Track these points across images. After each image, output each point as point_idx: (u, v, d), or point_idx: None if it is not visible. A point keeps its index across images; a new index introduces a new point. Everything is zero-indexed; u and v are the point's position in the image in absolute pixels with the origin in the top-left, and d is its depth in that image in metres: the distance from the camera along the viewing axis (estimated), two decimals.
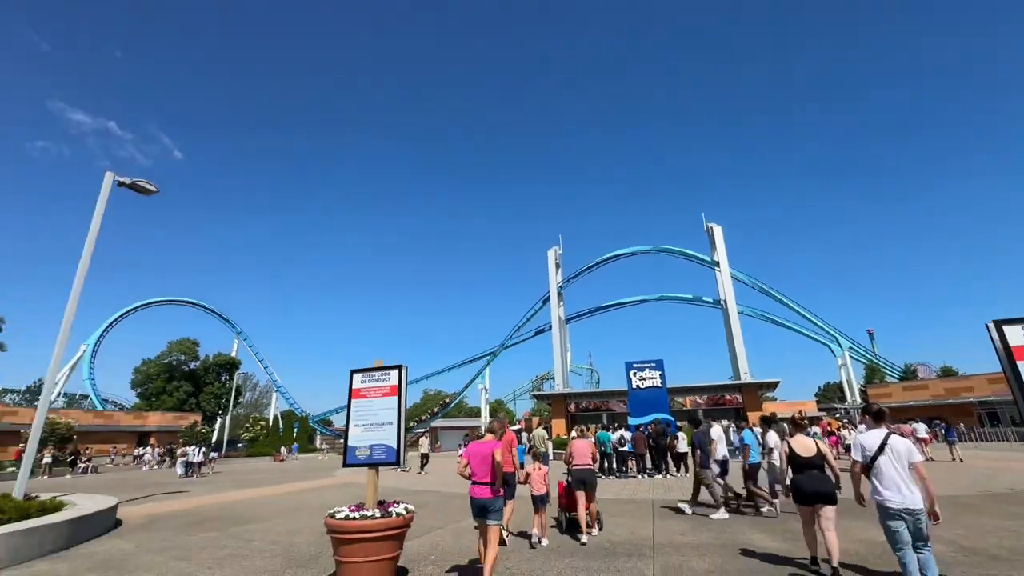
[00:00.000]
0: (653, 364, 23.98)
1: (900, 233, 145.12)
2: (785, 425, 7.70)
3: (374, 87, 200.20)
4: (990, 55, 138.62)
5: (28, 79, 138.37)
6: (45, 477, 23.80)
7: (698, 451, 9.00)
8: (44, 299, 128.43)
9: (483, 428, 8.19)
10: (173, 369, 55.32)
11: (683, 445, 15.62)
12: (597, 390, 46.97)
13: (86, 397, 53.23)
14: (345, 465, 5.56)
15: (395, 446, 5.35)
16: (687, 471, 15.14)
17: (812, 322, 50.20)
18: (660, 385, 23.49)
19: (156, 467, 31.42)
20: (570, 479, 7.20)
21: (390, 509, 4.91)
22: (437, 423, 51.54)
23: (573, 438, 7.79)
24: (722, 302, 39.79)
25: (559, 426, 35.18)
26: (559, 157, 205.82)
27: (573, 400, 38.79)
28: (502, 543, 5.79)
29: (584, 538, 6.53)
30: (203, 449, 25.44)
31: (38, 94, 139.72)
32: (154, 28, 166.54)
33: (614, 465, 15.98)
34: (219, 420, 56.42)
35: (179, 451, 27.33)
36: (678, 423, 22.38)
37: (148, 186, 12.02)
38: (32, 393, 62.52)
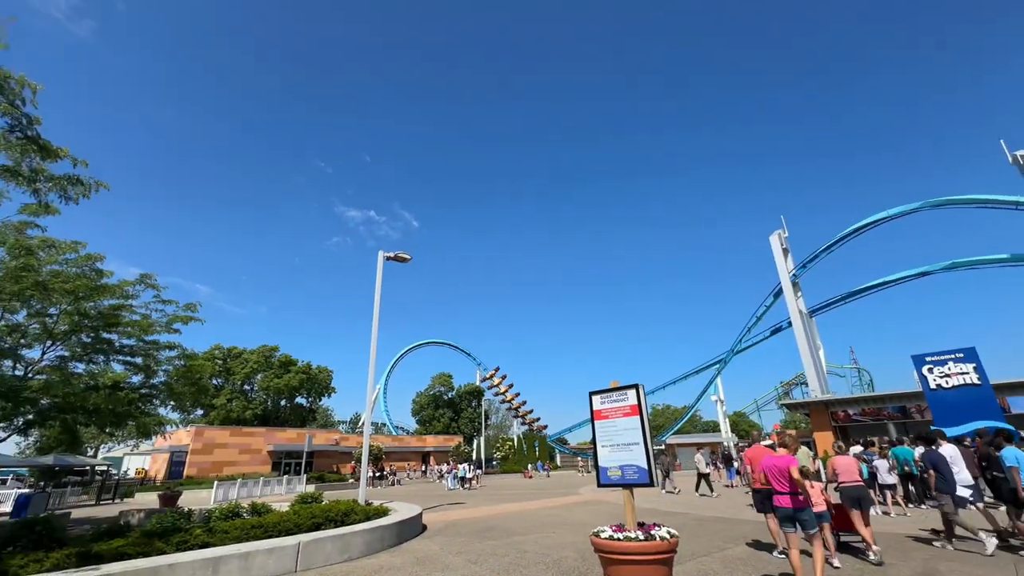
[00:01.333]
0: (960, 354, 18.05)
1: None
2: None
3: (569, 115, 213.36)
4: None
5: (321, 193, 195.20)
6: (369, 488, 31.35)
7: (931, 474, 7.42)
8: (353, 350, 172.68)
9: (761, 441, 8.41)
10: (437, 399, 67.13)
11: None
12: (872, 394, 37.65)
13: (384, 424, 68.78)
14: (599, 485, 5.71)
15: (645, 466, 5.26)
16: None
17: None
18: (978, 382, 17.48)
19: (437, 480, 38.03)
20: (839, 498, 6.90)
21: (652, 532, 4.80)
22: (672, 439, 48.91)
23: (830, 456, 7.77)
24: None
25: (823, 440, 29.32)
26: (769, 125, 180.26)
27: (839, 407, 31.94)
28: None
29: (873, 556, 6.14)
30: (471, 465, 29.95)
31: (328, 203, 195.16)
32: (391, 138, 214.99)
33: (915, 489, 12.34)
34: (475, 440, 65.43)
35: (447, 468, 33.11)
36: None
37: (404, 256, 15.19)
38: (353, 423, 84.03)
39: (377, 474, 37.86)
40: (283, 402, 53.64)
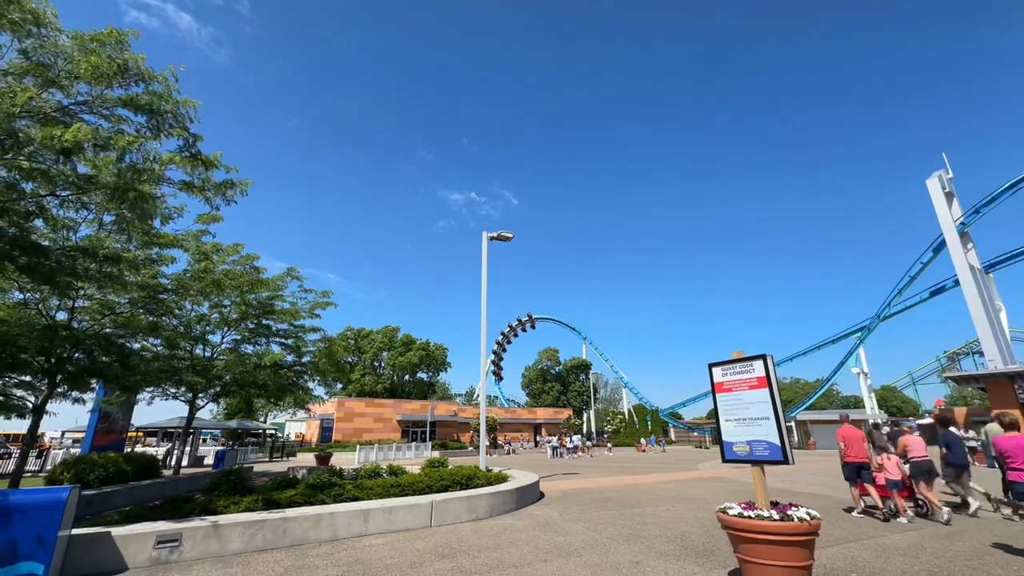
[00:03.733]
0: None
1: None
2: None
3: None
4: None
5: (425, 180, 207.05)
6: (485, 456, 33.36)
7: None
8: (465, 327, 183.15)
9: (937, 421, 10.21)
10: (545, 373, 68.68)
11: None
12: None
13: (497, 397, 72.30)
14: (724, 461, 5.42)
15: (778, 442, 4.86)
16: None
17: None
18: None
19: (552, 454, 39.11)
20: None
21: (788, 512, 4.46)
22: (804, 415, 44.47)
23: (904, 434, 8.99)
24: None
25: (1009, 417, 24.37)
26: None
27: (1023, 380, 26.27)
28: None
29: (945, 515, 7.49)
30: (578, 436, 30.74)
31: (432, 189, 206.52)
32: (484, 120, 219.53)
33: None
34: (584, 414, 65.99)
35: (556, 439, 34.25)
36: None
37: (507, 235, 15.53)
38: (468, 396, 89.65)
39: (493, 443, 40.16)
40: (407, 377, 59.04)
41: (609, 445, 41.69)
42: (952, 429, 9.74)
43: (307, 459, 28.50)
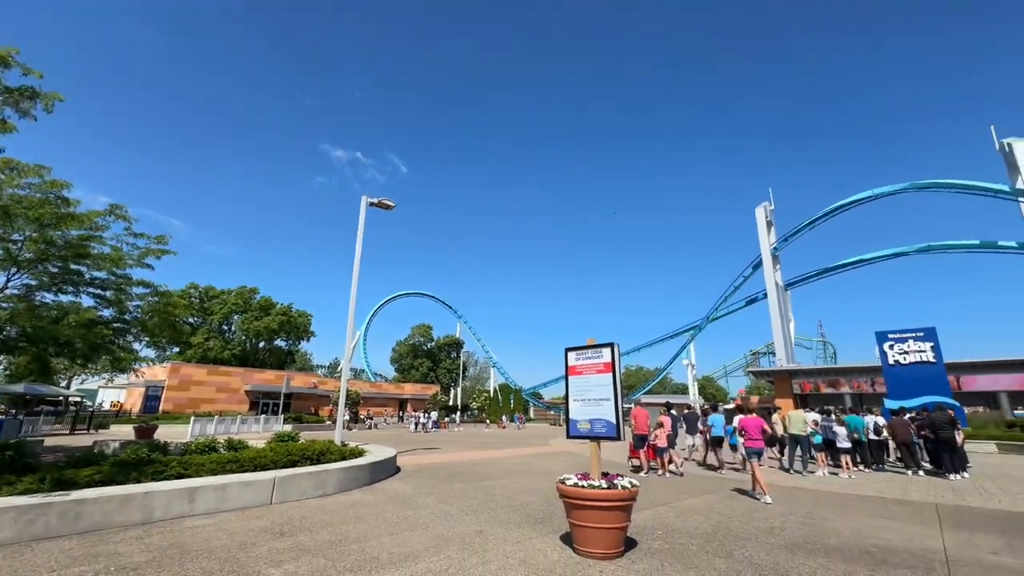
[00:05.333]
0: (920, 334, 18.90)
1: None
2: None
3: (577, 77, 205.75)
4: None
5: (304, 127, 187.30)
6: (345, 430, 32.15)
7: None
8: (335, 296, 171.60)
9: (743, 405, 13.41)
10: (416, 349, 67.98)
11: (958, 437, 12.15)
12: (833, 366, 39.40)
13: (363, 371, 69.69)
14: (568, 437, 5.95)
15: (614, 421, 5.48)
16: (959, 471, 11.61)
17: None
18: (932, 360, 18.44)
19: (414, 428, 39.12)
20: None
21: (615, 481, 5.07)
22: (643, 398, 50.83)
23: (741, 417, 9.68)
24: None
25: (786, 407, 30.88)
26: (764, 100, 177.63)
27: (801, 378, 33.48)
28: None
29: (768, 498, 8.19)
30: (436, 413, 31.76)
31: (312, 139, 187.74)
32: (380, 68, 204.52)
33: (868, 456, 13.29)
34: (452, 391, 67.09)
35: (423, 416, 34.79)
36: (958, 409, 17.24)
37: (388, 203, 14.84)
38: (332, 368, 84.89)
39: (354, 418, 38.75)
40: (262, 344, 53.63)
41: (487, 421, 43.05)
42: (716, 413, 13.57)
43: (124, 431, 24.39)
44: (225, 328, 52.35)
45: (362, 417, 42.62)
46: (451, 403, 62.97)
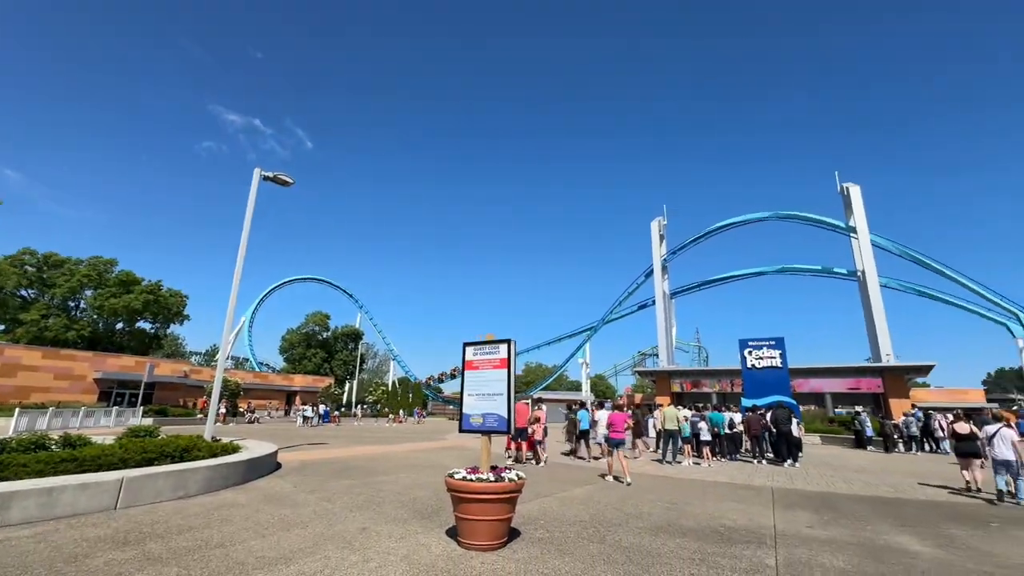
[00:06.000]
0: (772, 342, 21.96)
1: None
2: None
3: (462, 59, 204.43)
4: None
5: (190, 82, 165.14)
6: (220, 424, 29.12)
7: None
8: (223, 278, 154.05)
9: (610, 403, 14.96)
10: (310, 338, 63.58)
11: (797, 431, 14.46)
12: (705, 368, 44.35)
13: (247, 360, 63.58)
14: (461, 431, 5.97)
15: (506, 416, 5.61)
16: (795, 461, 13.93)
17: (983, 296, 41.43)
18: (780, 366, 21.52)
19: (302, 423, 36.65)
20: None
21: (502, 475, 5.20)
22: (539, 394, 52.80)
23: (611, 411, 11.18)
24: (859, 273, 34.86)
25: (664, 404, 34.10)
26: (664, 122, 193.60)
27: (678, 378, 37.18)
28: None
29: (628, 479, 9.64)
30: (322, 407, 30.59)
31: (200, 97, 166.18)
32: (288, 30, 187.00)
33: (724, 447, 15.18)
34: (347, 383, 63.92)
35: (311, 409, 33.00)
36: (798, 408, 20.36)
37: (286, 179, 13.68)
38: (209, 355, 76.32)
39: (232, 411, 35.23)
40: (121, 325, 46.46)
41: (389, 416, 41.45)
42: (583, 410, 15.09)
43: None
44: (72, 305, 44.47)
45: (242, 410, 38.92)
46: (346, 396, 60.01)
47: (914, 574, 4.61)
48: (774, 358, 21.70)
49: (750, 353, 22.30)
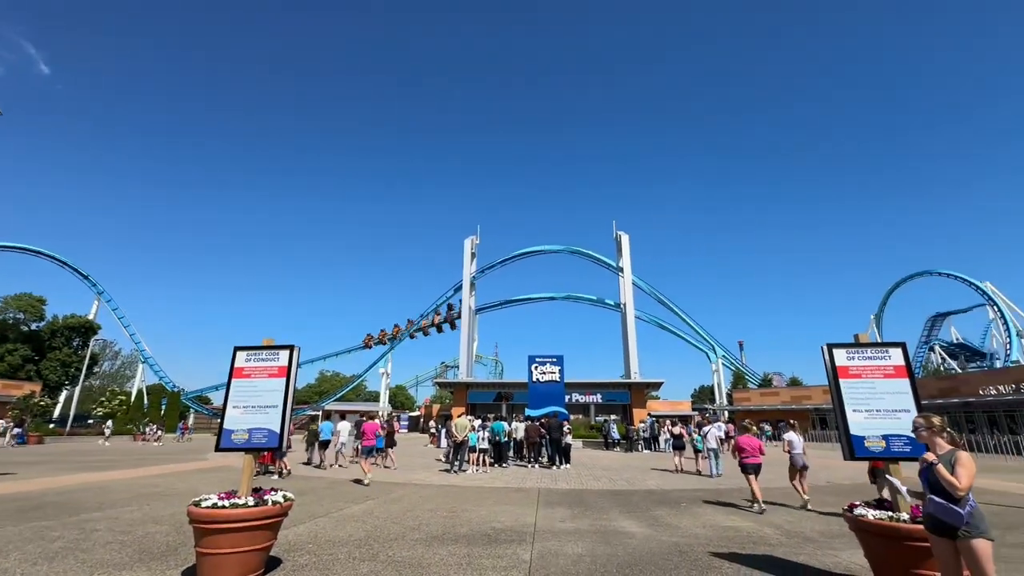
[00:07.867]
0: (554, 359, 25.08)
1: (777, 265, 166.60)
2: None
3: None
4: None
5: None
6: None
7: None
8: None
9: (384, 413, 12.35)
10: (7, 328, 46.48)
11: (568, 438, 16.79)
12: (499, 380, 47.93)
13: None
14: (218, 449, 5.11)
15: (278, 430, 5.03)
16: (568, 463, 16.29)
17: (695, 330, 55.39)
18: (558, 380, 24.65)
19: None
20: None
21: (266, 497, 4.62)
22: (331, 406, 49.13)
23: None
24: (622, 306, 42.65)
25: (459, 414, 35.48)
26: (483, 150, 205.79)
27: (476, 389, 39.25)
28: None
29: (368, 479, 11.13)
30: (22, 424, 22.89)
31: None
32: None
33: (510, 454, 16.57)
34: (65, 391, 48.65)
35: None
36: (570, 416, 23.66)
37: None
38: None
39: None
40: None
41: (159, 434, 31.97)
42: (326, 421, 16.41)
43: None
44: None
45: None
46: (60, 408, 45.36)
47: (628, 549, 5.74)
48: (554, 373, 24.79)
49: (536, 368, 25.03)
